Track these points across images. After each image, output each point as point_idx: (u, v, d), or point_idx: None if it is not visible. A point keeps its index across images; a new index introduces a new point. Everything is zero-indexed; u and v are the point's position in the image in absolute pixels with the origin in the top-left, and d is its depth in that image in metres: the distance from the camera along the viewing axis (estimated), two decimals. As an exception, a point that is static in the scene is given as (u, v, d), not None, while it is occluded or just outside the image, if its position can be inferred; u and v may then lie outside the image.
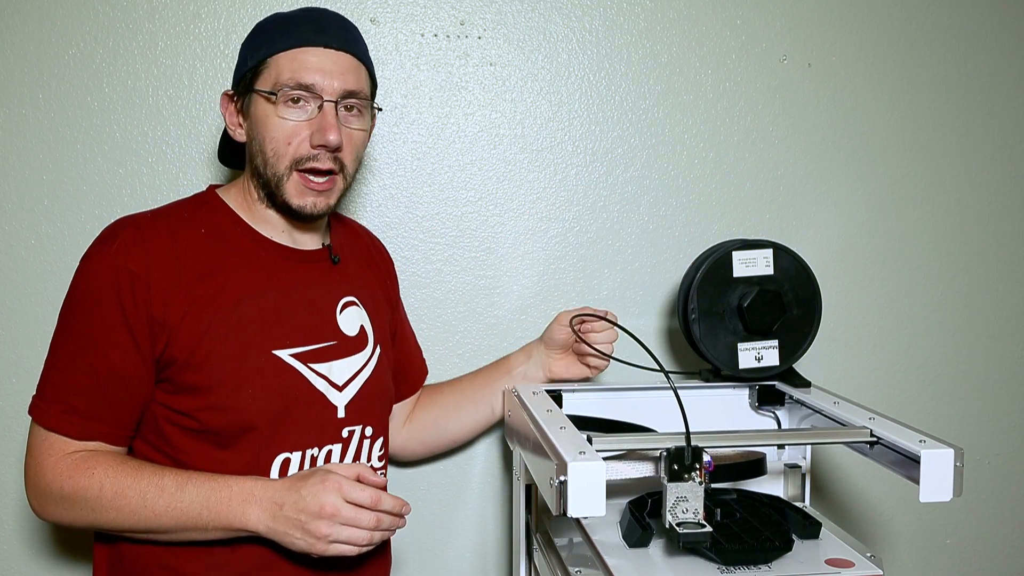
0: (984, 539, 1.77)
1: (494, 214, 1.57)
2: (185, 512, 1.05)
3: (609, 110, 1.59)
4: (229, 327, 1.10)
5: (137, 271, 1.07)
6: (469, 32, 1.54)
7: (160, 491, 1.05)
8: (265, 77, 1.13)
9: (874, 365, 1.71)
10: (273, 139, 1.13)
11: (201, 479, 1.06)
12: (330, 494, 1.02)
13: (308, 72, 1.11)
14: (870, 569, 1.06)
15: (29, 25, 1.43)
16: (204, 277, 1.10)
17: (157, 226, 1.12)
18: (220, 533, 1.07)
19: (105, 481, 1.05)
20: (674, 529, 1.02)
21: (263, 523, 1.04)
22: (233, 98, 1.17)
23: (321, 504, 1.02)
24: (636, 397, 1.38)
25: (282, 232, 1.20)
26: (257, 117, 1.14)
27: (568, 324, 1.34)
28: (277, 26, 1.16)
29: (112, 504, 1.05)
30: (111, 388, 1.08)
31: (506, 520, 1.60)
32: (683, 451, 1.04)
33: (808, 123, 1.65)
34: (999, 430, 1.76)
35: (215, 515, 1.05)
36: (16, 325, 1.45)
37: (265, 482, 1.06)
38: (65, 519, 1.09)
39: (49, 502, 1.09)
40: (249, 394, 1.10)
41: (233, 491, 1.05)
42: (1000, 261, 1.74)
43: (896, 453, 1.09)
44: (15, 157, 1.44)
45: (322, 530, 1.02)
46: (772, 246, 1.35)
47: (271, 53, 1.13)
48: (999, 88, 1.71)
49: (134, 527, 1.06)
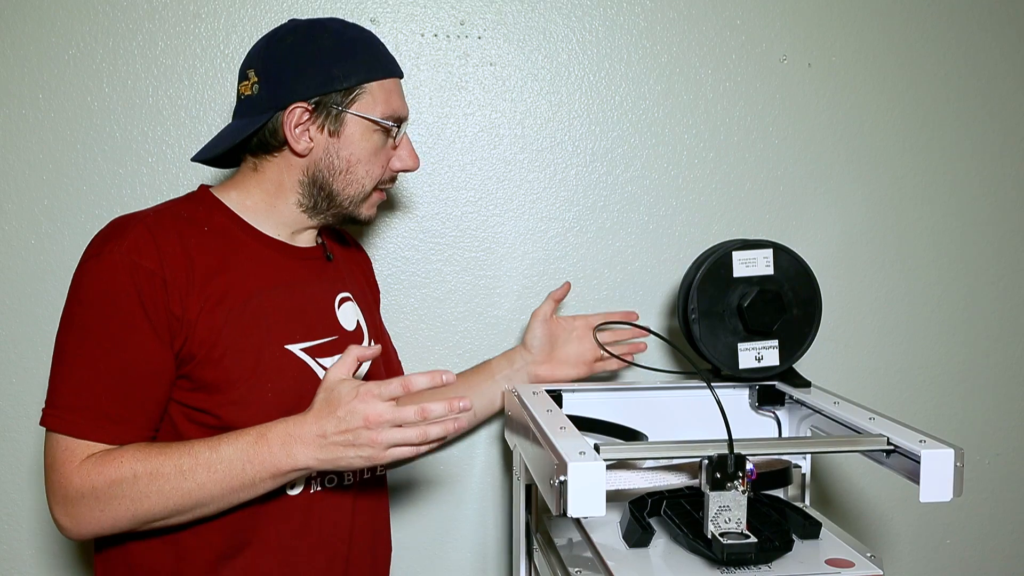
0: (984, 539, 1.77)
1: (494, 214, 1.57)
2: (228, 473, 1.03)
3: (609, 110, 1.59)
4: (243, 323, 1.11)
5: (152, 268, 1.06)
6: (469, 32, 1.54)
7: (195, 460, 1.03)
8: (365, 103, 1.16)
9: (874, 365, 1.71)
10: (370, 163, 1.19)
11: (231, 437, 1.04)
12: (365, 403, 1.01)
13: (403, 105, 1.21)
14: (870, 569, 1.06)
15: (29, 25, 1.43)
16: (215, 274, 1.10)
17: (163, 224, 1.11)
18: (270, 483, 1.05)
19: (137, 466, 1.02)
20: (717, 540, 1.00)
21: (313, 458, 1.03)
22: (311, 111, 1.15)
23: (364, 415, 1.01)
24: (636, 397, 1.38)
25: (285, 232, 1.21)
26: (353, 139, 1.17)
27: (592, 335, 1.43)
28: (365, 49, 1.18)
29: (150, 488, 1.02)
30: (139, 389, 1.06)
31: (506, 520, 1.60)
32: (726, 459, 1.01)
33: (808, 123, 1.65)
34: (999, 430, 1.76)
35: (260, 467, 1.03)
36: (16, 325, 1.45)
37: (297, 420, 1.04)
38: (104, 523, 1.04)
39: (83, 508, 1.03)
40: (269, 388, 1.10)
41: (270, 439, 1.03)
42: (1000, 261, 1.74)
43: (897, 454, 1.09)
44: (15, 157, 1.44)
45: (376, 438, 1.01)
46: (772, 246, 1.35)
47: (368, 79, 1.17)
48: (999, 88, 1.71)
49: (179, 506, 1.03)
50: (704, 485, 1.02)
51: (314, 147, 1.16)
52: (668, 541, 1.15)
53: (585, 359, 1.43)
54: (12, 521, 1.48)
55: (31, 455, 1.47)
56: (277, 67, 1.15)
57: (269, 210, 1.19)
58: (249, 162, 1.20)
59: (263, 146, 1.17)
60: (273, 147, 1.17)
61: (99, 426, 1.04)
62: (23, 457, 1.47)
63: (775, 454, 1.22)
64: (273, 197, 1.19)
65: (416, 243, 1.55)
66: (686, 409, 1.38)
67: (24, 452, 1.47)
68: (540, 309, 1.44)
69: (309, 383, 1.13)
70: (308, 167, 1.17)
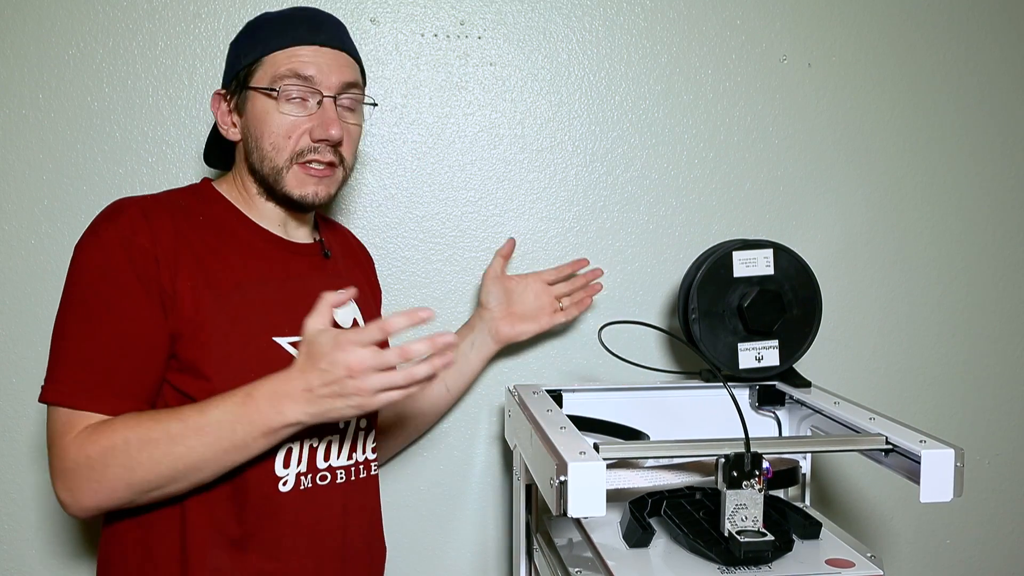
0: (984, 539, 1.77)
1: (494, 214, 1.57)
2: (218, 435, 1.02)
3: (609, 110, 1.59)
4: (231, 310, 1.11)
5: (145, 245, 1.08)
6: (469, 32, 1.54)
7: (185, 424, 1.02)
8: (261, 74, 1.16)
9: (874, 365, 1.71)
10: (272, 133, 1.15)
11: (219, 400, 1.04)
12: (348, 352, 1.00)
13: (306, 66, 1.15)
14: (870, 569, 1.06)
15: (29, 25, 1.43)
16: (205, 258, 1.12)
17: (158, 208, 1.13)
18: (263, 442, 1.04)
19: (129, 434, 1.02)
20: (734, 538, 1.01)
21: (303, 413, 1.03)
22: (226, 97, 1.20)
23: (347, 364, 1.00)
24: (636, 397, 1.38)
25: (278, 225, 1.22)
26: (254, 113, 1.16)
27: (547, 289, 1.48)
28: (271, 25, 1.18)
29: (141, 454, 1.02)
30: (136, 360, 1.07)
31: (506, 520, 1.60)
32: (743, 458, 1.02)
33: (808, 123, 1.65)
34: (999, 430, 1.76)
35: (250, 426, 1.03)
36: (16, 325, 1.45)
37: (282, 376, 1.04)
38: (100, 494, 1.03)
39: (79, 479, 1.03)
40: (253, 379, 1.09)
41: (258, 398, 1.03)
42: (1000, 261, 1.74)
43: (897, 454, 1.09)
44: (15, 157, 1.44)
45: (361, 386, 1.00)
46: (772, 246, 1.35)
47: (267, 52, 1.16)
48: (999, 88, 1.71)
49: (172, 472, 1.03)
50: (720, 483, 1.03)
51: (239, 131, 1.19)
52: (668, 541, 1.15)
53: (544, 311, 1.47)
54: (12, 521, 1.48)
55: (31, 454, 1.47)
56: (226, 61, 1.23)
57: (249, 201, 1.21)
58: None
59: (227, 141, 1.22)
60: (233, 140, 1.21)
61: (97, 397, 1.05)
62: (23, 456, 1.47)
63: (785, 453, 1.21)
64: (244, 189, 1.21)
65: (416, 243, 1.55)
66: (686, 409, 1.38)
67: (24, 451, 1.47)
68: (490, 267, 1.48)
69: None
70: (245, 153, 1.20)
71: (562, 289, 1.50)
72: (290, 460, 1.14)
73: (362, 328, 1.02)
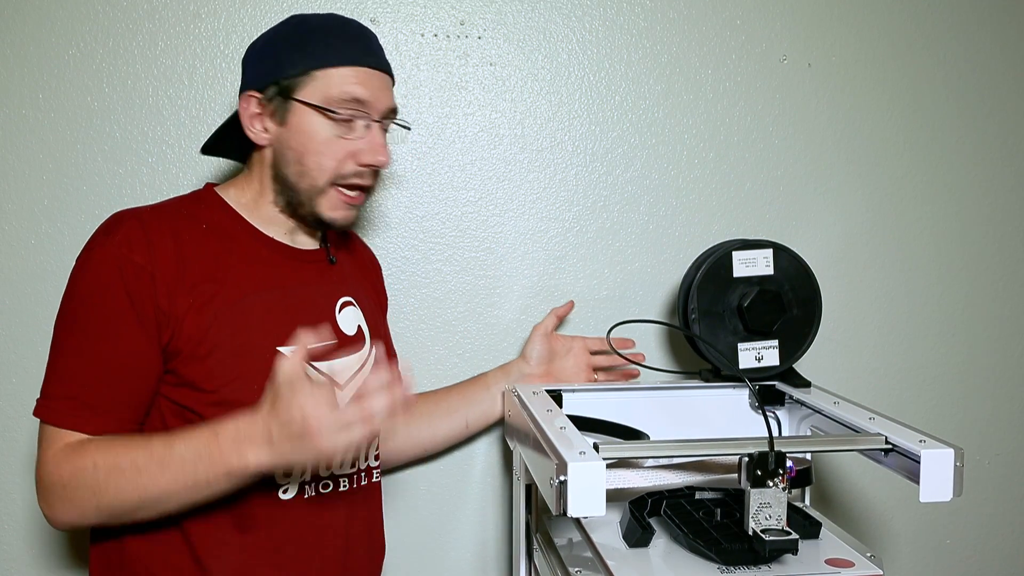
0: (984, 539, 1.77)
1: (494, 214, 1.57)
2: (180, 471, 1.00)
3: (609, 110, 1.59)
4: (234, 322, 1.10)
5: (141, 263, 1.06)
6: (469, 32, 1.54)
7: (150, 456, 1.01)
8: (312, 90, 1.12)
9: (874, 365, 1.71)
10: (319, 153, 1.13)
11: (187, 434, 1.02)
12: (308, 408, 0.96)
13: (362, 90, 1.13)
14: (870, 569, 1.06)
15: (29, 25, 1.43)
16: (206, 271, 1.10)
17: (159, 220, 1.11)
18: (225, 483, 1.01)
19: (98, 458, 1.01)
20: (759, 536, 1.01)
21: (264, 458, 1.00)
22: (261, 101, 1.15)
23: (304, 420, 0.96)
24: (636, 397, 1.38)
25: (284, 233, 1.20)
26: (300, 128, 1.13)
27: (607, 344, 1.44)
28: (322, 37, 1.14)
29: (108, 481, 1.01)
30: (122, 380, 1.06)
31: (506, 520, 1.60)
32: (767, 456, 1.02)
33: (808, 123, 1.65)
34: (999, 430, 1.76)
35: (211, 467, 1.00)
36: (16, 325, 1.45)
37: (247, 418, 1.01)
38: (72, 513, 1.04)
39: (54, 496, 1.04)
40: (255, 390, 1.08)
41: (221, 438, 1.00)
42: (1000, 261, 1.74)
43: (897, 454, 1.09)
44: (15, 157, 1.44)
45: (319, 445, 0.97)
46: (772, 246, 1.35)
47: (318, 66, 1.12)
48: (999, 88, 1.71)
49: (139, 501, 1.02)
50: (744, 482, 1.03)
51: (271, 138, 1.15)
52: (668, 541, 1.15)
53: (579, 376, 1.46)
54: (12, 521, 1.48)
55: (31, 455, 1.47)
56: (248, 59, 1.19)
57: (259, 209, 1.19)
58: (248, 159, 1.21)
59: (248, 141, 1.18)
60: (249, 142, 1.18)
61: (79, 416, 1.05)
62: (23, 457, 1.47)
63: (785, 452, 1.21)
64: (259, 195, 1.19)
65: (416, 243, 1.55)
66: (686, 409, 1.38)
67: (24, 451, 1.47)
68: (542, 323, 1.48)
69: None
70: (272, 160, 1.16)
71: (601, 361, 1.49)
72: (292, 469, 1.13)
73: (323, 388, 0.98)
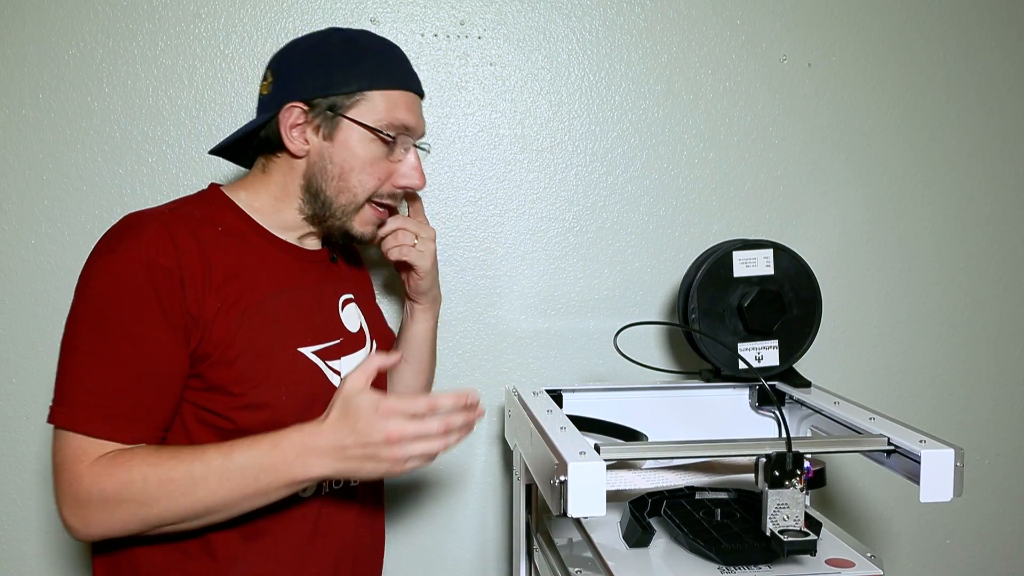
0: (984, 539, 1.77)
1: (494, 214, 1.57)
2: (241, 482, 1.01)
3: (609, 110, 1.59)
4: (258, 324, 1.10)
5: (170, 266, 1.04)
6: (469, 32, 1.54)
7: (208, 467, 1.01)
8: (365, 110, 1.14)
9: (874, 365, 1.71)
10: (365, 173, 1.15)
11: (245, 445, 1.02)
12: (387, 420, 1.00)
13: (409, 116, 1.17)
14: (870, 569, 1.06)
15: (29, 25, 1.43)
16: (231, 274, 1.10)
17: (179, 223, 1.09)
18: (284, 491, 1.03)
19: (148, 470, 1.00)
20: (777, 537, 1.01)
21: (330, 468, 1.02)
22: (306, 113, 1.14)
23: (386, 433, 0.99)
24: (636, 397, 1.38)
25: (295, 236, 1.20)
26: (347, 145, 1.14)
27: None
28: (374, 58, 1.16)
29: (160, 493, 1.00)
30: (153, 387, 1.04)
31: (506, 520, 1.60)
32: (784, 457, 1.02)
33: (808, 123, 1.65)
34: (999, 430, 1.76)
35: (274, 476, 1.01)
36: (16, 325, 1.45)
37: (312, 431, 1.02)
38: (114, 526, 1.02)
39: (92, 510, 1.01)
40: (283, 391, 1.09)
41: (285, 449, 1.01)
42: (1000, 261, 1.74)
43: (899, 454, 1.09)
44: (15, 157, 1.44)
45: (396, 454, 1.00)
46: (772, 246, 1.35)
47: (371, 87, 1.14)
48: (999, 88, 1.71)
49: (189, 512, 1.02)
50: (761, 483, 1.03)
51: (310, 150, 1.15)
52: (668, 541, 1.15)
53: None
54: (12, 521, 1.48)
55: (32, 455, 1.47)
56: (288, 67, 1.16)
57: (275, 213, 1.18)
58: (259, 163, 1.19)
59: (268, 145, 1.17)
60: (277, 147, 1.16)
61: (112, 425, 1.02)
62: (24, 457, 1.47)
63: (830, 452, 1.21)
64: (278, 200, 1.18)
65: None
66: (686, 409, 1.38)
67: (25, 452, 1.47)
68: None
69: (321, 386, 1.13)
70: (306, 171, 1.16)
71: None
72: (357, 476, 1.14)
73: (410, 400, 1.01)
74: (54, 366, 1.04)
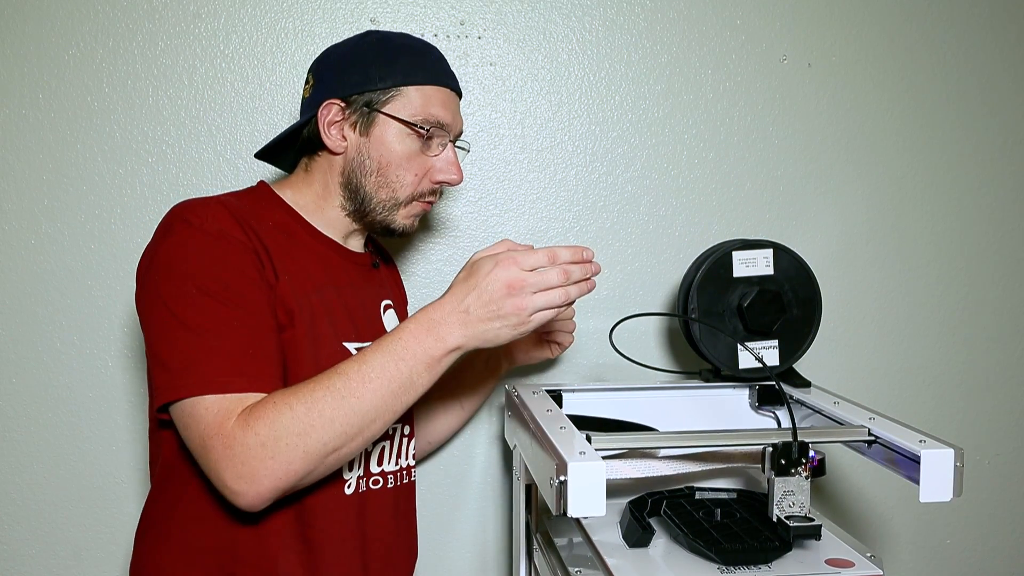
0: (984, 539, 1.77)
1: (494, 214, 1.57)
2: (384, 378, 1.00)
3: (609, 110, 1.59)
4: (312, 313, 1.12)
5: (243, 240, 1.07)
6: (469, 32, 1.54)
7: (346, 376, 1.00)
8: (401, 105, 1.15)
9: (874, 365, 1.71)
10: (404, 168, 1.17)
11: (374, 345, 1.03)
12: (506, 270, 0.99)
13: (447, 112, 1.18)
14: (870, 569, 1.06)
15: (29, 25, 1.43)
16: (283, 265, 1.11)
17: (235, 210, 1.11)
18: (426, 377, 1.02)
19: (292, 399, 0.99)
20: (783, 522, 1.05)
21: (460, 336, 1.01)
22: (344, 109, 1.16)
23: (505, 282, 0.99)
24: (636, 397, 1.38)
25: (341, 235, 1.22)
26: (384, 141, 1.16)
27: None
28: (410, 55, 1.18)
29: (312, 415, 0.98)
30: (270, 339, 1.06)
31: (506, 520, 1.60)
32: (790, 446, 1.06)
33: (808, 123, 1.65)
34: (999, 430, 1.76)
35: (413, 360, 1.01)
36: (16, 325, 1.45)
37: (435, 305, 1.03)
38: (278, 471, 0.98)
39: (253, 460, 0.98)
40: None
41: (412, 330, 1.01)
42: (1000, 261, 1.74)
43: (896, 453, 1.09)
44: (15, 157, 1.44)
45: (519, 304, 0.99)
46: (772, 246, 1.35)
47: (407, 83, 1.15)
48: (999, 88, 1.71)
49: (345, 427, 0.99)
50: (768, 471, 1.06)
51: (348, 146, 1.17)
52: (668, 541, 1.15)
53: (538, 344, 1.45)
54: (12, 521, 1.48)
55: (31, 455, 1.47)
56: (327, 69, 1.19)
57: (319, 212, 1.21)
58: (302, 163, 1.22)
59: (310, 145, 1.20)
60: (317, 146, 1.19)
61: (249, 377, 1.02)
62: (23, 457, 1.47)
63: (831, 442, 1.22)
64: (321, 199, 1.20)
65: (416, 243, 1.55)
66: (686, 409, 1.38)
67: (24, 452, 1.47)
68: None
69: None
70: (345, 168, 1.18)
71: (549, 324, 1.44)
72: (353, 464, 1.15)
73: (529, 251, 1.01)
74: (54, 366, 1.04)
